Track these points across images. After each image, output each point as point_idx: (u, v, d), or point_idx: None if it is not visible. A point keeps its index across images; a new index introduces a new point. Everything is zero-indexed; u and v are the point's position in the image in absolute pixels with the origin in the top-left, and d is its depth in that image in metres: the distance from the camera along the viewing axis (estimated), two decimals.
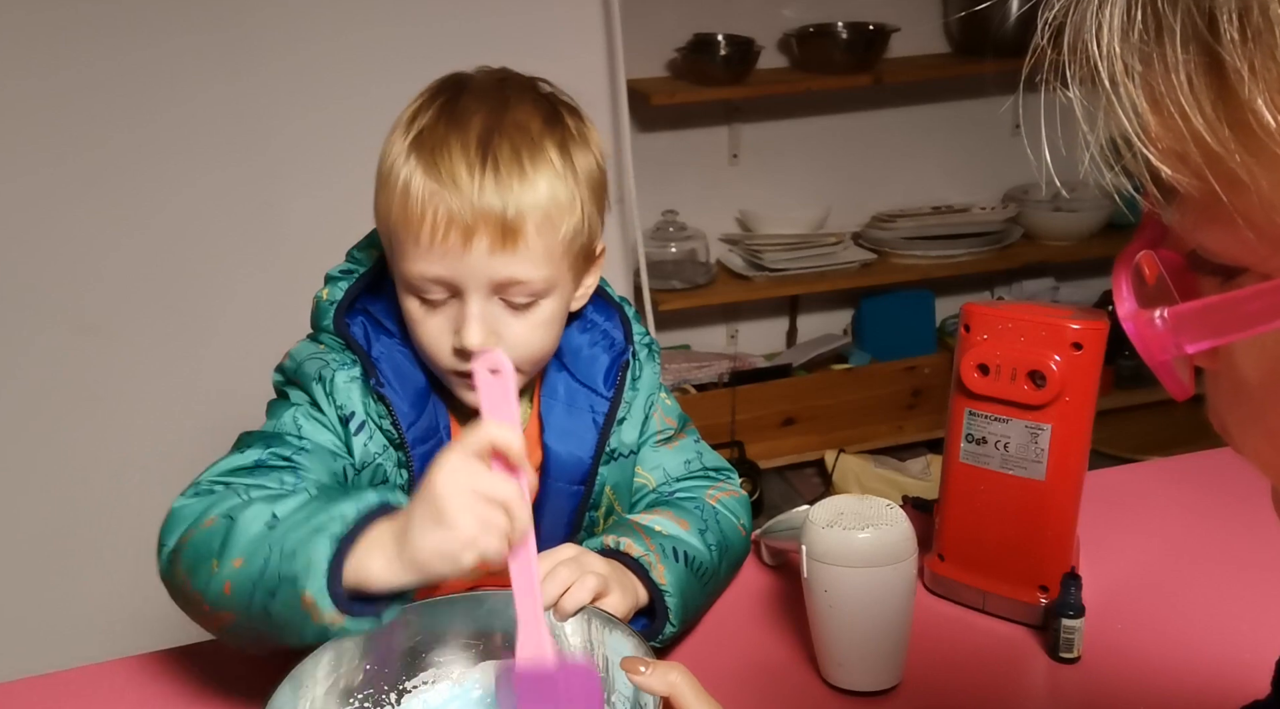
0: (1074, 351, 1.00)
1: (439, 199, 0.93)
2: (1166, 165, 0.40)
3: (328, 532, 0.84)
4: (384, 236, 1.00)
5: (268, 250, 1.94)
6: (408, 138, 0.96)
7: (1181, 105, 0.39)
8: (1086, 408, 1.01)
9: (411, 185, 0.94)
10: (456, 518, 0.80)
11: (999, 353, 1.02)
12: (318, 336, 1.04)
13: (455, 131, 0.95)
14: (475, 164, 0.93)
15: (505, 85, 1.00)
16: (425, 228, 0.93)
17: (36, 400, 1.95)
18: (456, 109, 0.97)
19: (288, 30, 1.94)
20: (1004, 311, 1.03)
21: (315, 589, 0.83)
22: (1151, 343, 0.43)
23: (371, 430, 1.00)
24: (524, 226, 0.94)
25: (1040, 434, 1.02)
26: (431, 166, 0.94)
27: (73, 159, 1.89)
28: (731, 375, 2.99)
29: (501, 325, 0.97)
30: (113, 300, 1.95)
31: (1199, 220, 0.42)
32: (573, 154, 0.98)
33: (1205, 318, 0.41)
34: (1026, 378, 1.01)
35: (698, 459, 1.15)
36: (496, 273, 0.94)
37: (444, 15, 2.00)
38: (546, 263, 0.96)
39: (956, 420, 1.06)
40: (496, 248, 0.93)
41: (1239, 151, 0.38)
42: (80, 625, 1.94)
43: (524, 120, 0.97)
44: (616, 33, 2.08)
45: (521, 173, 0.94)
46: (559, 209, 0.96)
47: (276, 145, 1.97)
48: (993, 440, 1.04)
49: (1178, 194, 0.41)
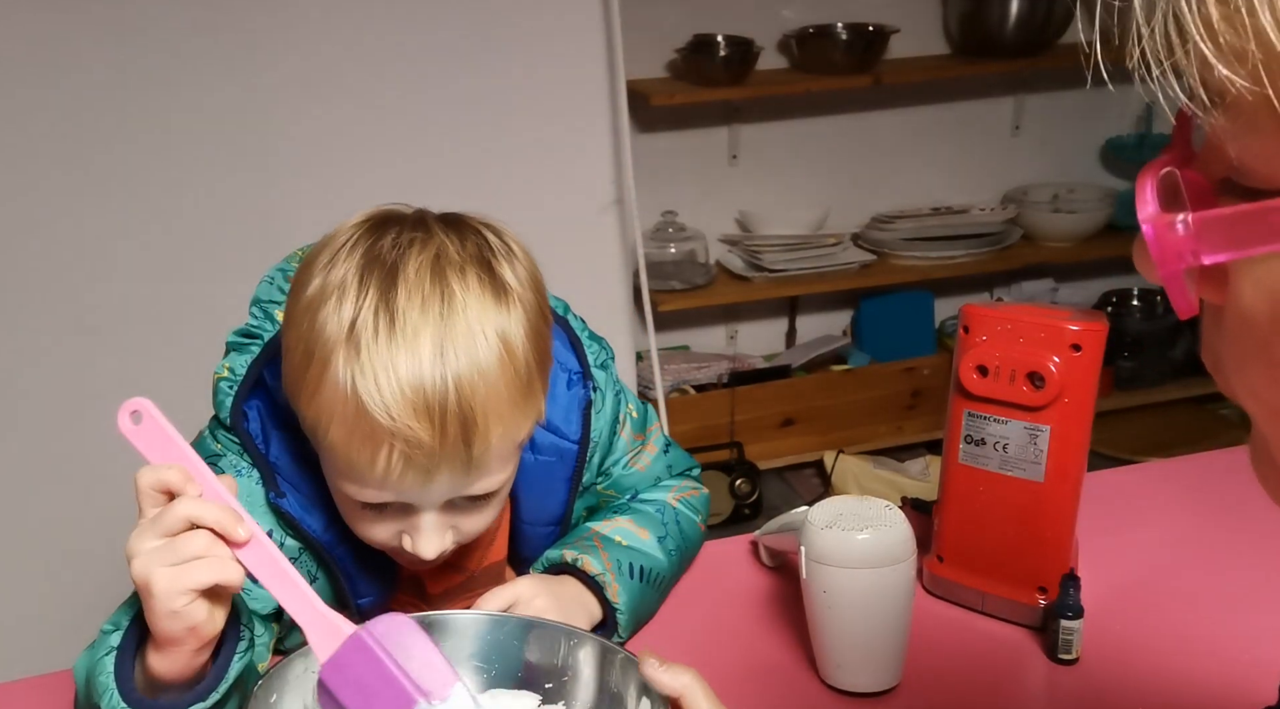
0: (1073, 353, 1.00)
1: (393, 440, 0.82)
2: (1221, 63, 0.38)
3: (107, 644, 0.83)
4: (308, 427, 0.88)
5: (268, 252, 1.94)
6: (341, 334, 0.83)
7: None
8: (1085, 409, 1.01)
9: (358, 418, 0.82)
10: (150, 577, 0.75)
11: (998, 354, 1.02)
12: (215, 432, 0.97)
13: (403, 354, 0.82)
14: (434, 400, 0.82)
15: (441, 266, 0.86)
16: (377, 468, 0.84)
17: (36, 401, 1.95)
18: (396, 316, 0.83)
19: (287, 32, 1.94)
20: (1003, 313, 1.03)
21: (109, 705, 0.81)
22: (1168, 248, 0.41)
23: (281, 536, 0.95)
24: (488, 460, 0.86)
25: (1039, 435, 1.02)
26: (379, 399, 0.81)
27: (73, 162, 1.89)
28: (731, 376, 2.99)
29: (456, 520, 0.92)
30: (113, 302, 1.95)
31: (1243, 129, 0.39)
32: (523, 320, 0.87)
33: (1231, 227, 0.39)
34: (1025, 379, 1.01)
35: (666, 472, 1.15)
36: (455, 494, 0.89)
37: (444, 17, 2.00)
38: (508, 466, 0.91)
39: (955, 421, 1.06)
40: (459, 482, 0.87)
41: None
42: (80, 625, 1.93)
43: (475, 319, 0.84)
44: (616, 33, 2.08)
45: (487, 392, 0.84)
46: (521, 417, 0.88)
47: (278, 148, 1.97)
48: (992, 441, 1.04)
49: (1225, 99, 0.39)
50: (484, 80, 2.03)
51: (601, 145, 2.15)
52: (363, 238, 0.88)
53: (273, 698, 0.77)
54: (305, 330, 0.85)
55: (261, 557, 0.76)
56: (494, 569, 1.08)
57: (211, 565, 0.75)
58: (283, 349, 0.90)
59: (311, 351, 0.84)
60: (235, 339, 0.99)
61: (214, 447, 0.97)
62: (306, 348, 0.85)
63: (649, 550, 1.06)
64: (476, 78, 2.03)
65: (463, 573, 1.04)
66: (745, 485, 2.82)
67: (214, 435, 0.98)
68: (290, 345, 0.88)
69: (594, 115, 2.13)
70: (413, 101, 2.01)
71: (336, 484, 0.90)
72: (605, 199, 2.18)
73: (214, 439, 0.98)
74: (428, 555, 0.90)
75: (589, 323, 1.10)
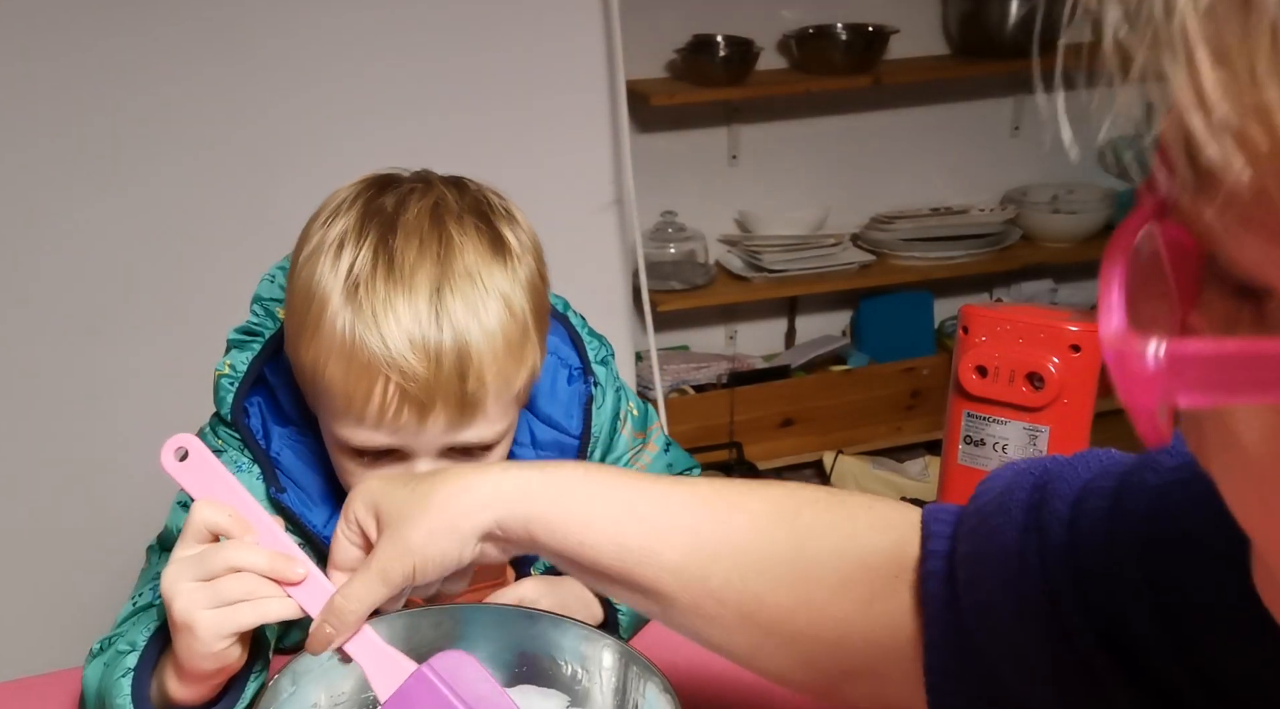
0: (1072, 354, 1.00)
1: (388, 373, 0.84)
2: (1214, 142, 0.29)
3: (123, 665, 0.83)
4: (306, 379, 0.90)
5: (268, 252, 1.94)
6: (339, 280, 0.85)
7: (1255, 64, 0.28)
8: (1085, 410, 1.02)
9: (354, 352, 0.84)
10: (193, 620, 0.75)
11: (997, 355, 1.02)
12: (216, 428, 0.97)
13: (399, 289, 0.84)
14: (430, 333, 0.84)
15: (440, 213, 0.89)
16: (373, 403, 0.85)
17: (35, 400, 1.95)
18: (394, 256, 0.86)
19: (288, 37, 1.94)
20: (1002, 313, 1.04)
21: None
22: (1135, 382, 0.32)
23: None
24: (484, 398, 0.87)
25: (1038, 436, 1.02)
26: (375, 333, 0.83)
27: (68, 157, 1.89)
28: (730, 376, 2.99)
29: None
30: (112, 300, 1.95)
31: (1234, 222, 0.31)
32: (520, 278, 0.89)
33: (1215, 368, 0.31)
34: (1025, 380, 1.01)
35: (667, 472, 1.14)
36: (452, 441, 0.89)
37: (444, 17, 2.00)
38: (504, 418, 0.91)
39: (955, 422, 1.06)
40: (455, 422, 0.87)
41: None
42: (80, 625, 1.93)
43: (472, 264, 0.87)
44: (616, 33, 2.08)
45: (481, 333, 0.85)
46: (515, 363, 0.89)
47: (279, 149, 1.97)
48: (991, 442, 1.04)
49: (1218, 182, 0.30)
50: (483, 80, 2.03)
51: (601, 145, 2.15)
52: (362, 194, 0.91)
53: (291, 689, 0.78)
54: (305, 280, 0.88)
55: (315, 593, 0.76)
56: (492, 566, 1.08)
57: (258, 608, 0.76)
58: (285, 305, 0.92)
59: (311, 296, 0.87)
60: (236, 337, 0.99)
61: (214, 442, 0.96)
62: (306, 295, 0.87)
63: None
64: (476, 77, 2.03)
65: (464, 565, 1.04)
66: None
67: (214, 431, 0.98)
68: (291, 298, 0.90)
69: (594, 115, 2.13)
70: (412, 100, 2.01)
71: (334, 434, 0.89)
72: (605, 199, 2.18)
73: (214, 435, 0.97)
74: None
75: (588, 322, 1.10)
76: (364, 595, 0.74)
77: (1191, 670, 0.56)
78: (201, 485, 0.77)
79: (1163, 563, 0.57)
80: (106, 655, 0.89)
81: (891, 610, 0.68)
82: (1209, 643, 0.55)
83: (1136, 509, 0.59)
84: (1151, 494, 0.59)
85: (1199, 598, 0.55)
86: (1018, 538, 0.64)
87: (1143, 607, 0.57)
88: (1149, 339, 0.32)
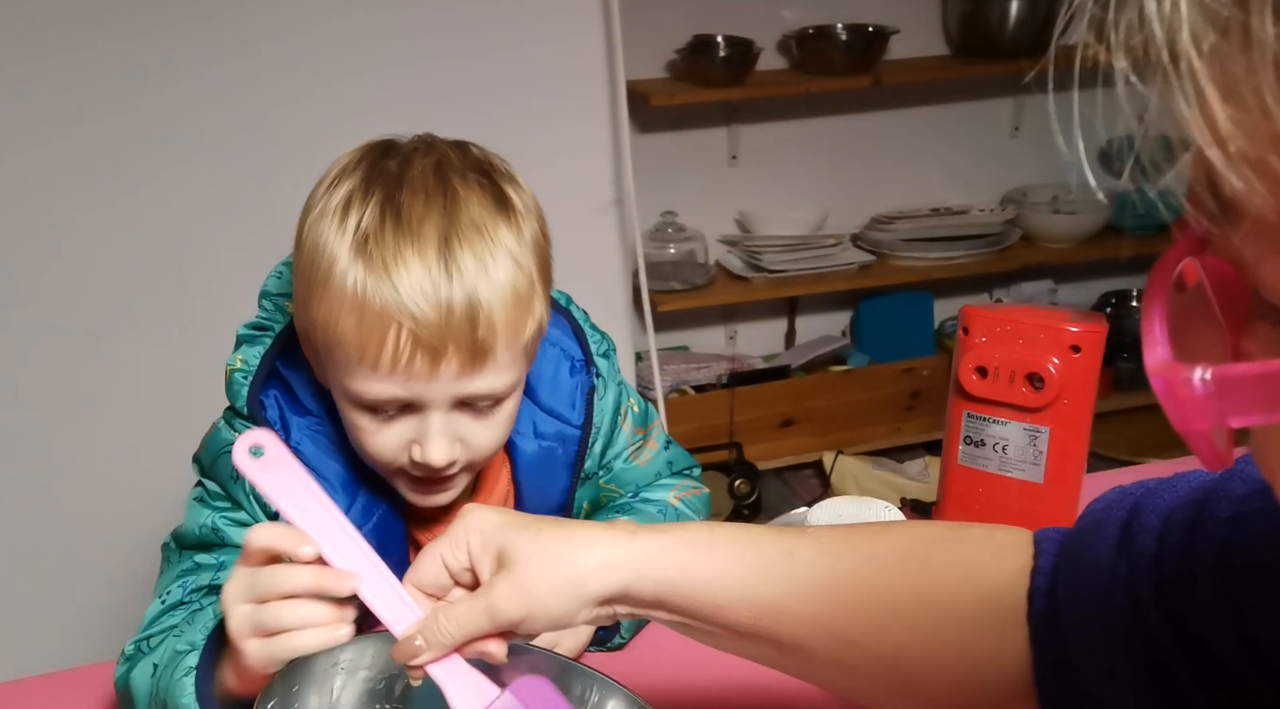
0: (1072, 354, 1.00)
1: (401, 320, 0.85)
2: (1234, 174, 0.31)
3: (184, 665, 0.84)
4: (318, 342, 0.91)
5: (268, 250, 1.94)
6: (347, 237, 0.87)
7: (1264, 97, 0.29)
8: (1085, 410, 1.02)
9: (366, 302, 0.85)
10: (243, 645, 0.76)
11: (997, 355, 1.02)
12: (232, 421, 0.98)
13: (408, 241, 0.86)
14: (439, 279, 0.85)
15: (444, 170, 0.91)
16: (386, 352, 0.86)
17: (34, 400, 1.95)
18: (401, 210, 0.87)
19: (288, 38, 1.94)
20: (1002, 314, 1.04)
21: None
22: (1187, 408, 0.33)
23: None
24: (494, 343, 0.88)
25: (1039, 436, 1.02)
26: (387, 281, 0.85)
27: (68, 158, 1.89)
28: (730, 376, 2.99)
29: (463, 431, 0.92)
30: (111, 301, 1.95)
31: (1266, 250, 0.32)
32: (525, 236, 0.91)
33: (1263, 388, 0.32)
34: (1025, 380, 1.01)
35: (666, 468, 1.15)
36: (463, 390, 0.89)
37: (444, 17, 2.00)
38: (512, 369, 0.92)
39: (955, 422, 1.06)
40: (466, 368, 0.87)
41: None
42: (80, 625, 1.94)
43: (477, 217, 0.89)
44: (616, 34, 2.08)
45: (488, 281, 0.87)
46: (523, 313, 0.90)
47: (279, 150, 1.97)
48: (991, 442, 1.04)
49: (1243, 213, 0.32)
50: (483, 81, 2.03)
51: (601, 145, 2.15)
52: (366, 157, 0.93)
53: (294, 688, 0.78)
54: (312, 242, 0.89)
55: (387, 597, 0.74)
56: None
57: (306, 638, 0.75)
58: (294, 270, 0.93)
59: (319, 255, 0.88)
60: (246, 332, 1.00)
61: (230, 436, 0.96)
62: (314, 255, 0.88)
63: None
64: (476, 78, 2.03)
65: None
66: (744, 486, 2.82)
67: (231, 425, 0.98)
68: (299, 262, 0.91)
69: (594, 115, 2.13)
70: (413, 101, 2.01)
71: (347, 390, 0.90)
72: (605, 199, 2.18)
73: (231, 429, 0.98)
74: (436, 460, 0.90)
75: None
76: (466, 624, 0.71)
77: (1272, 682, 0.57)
78: (276, 484, 0.74)
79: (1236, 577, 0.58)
80: (156, 656, 0.89)
81: (1019, 638, 0.69)
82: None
83: (1214, 531, 0.60)
84: (1224, 520, 0.60)
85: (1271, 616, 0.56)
86: (1111, 552, 0.65)
87: (1219, 621, 0.58)
88: (1194, 366, 0.33)
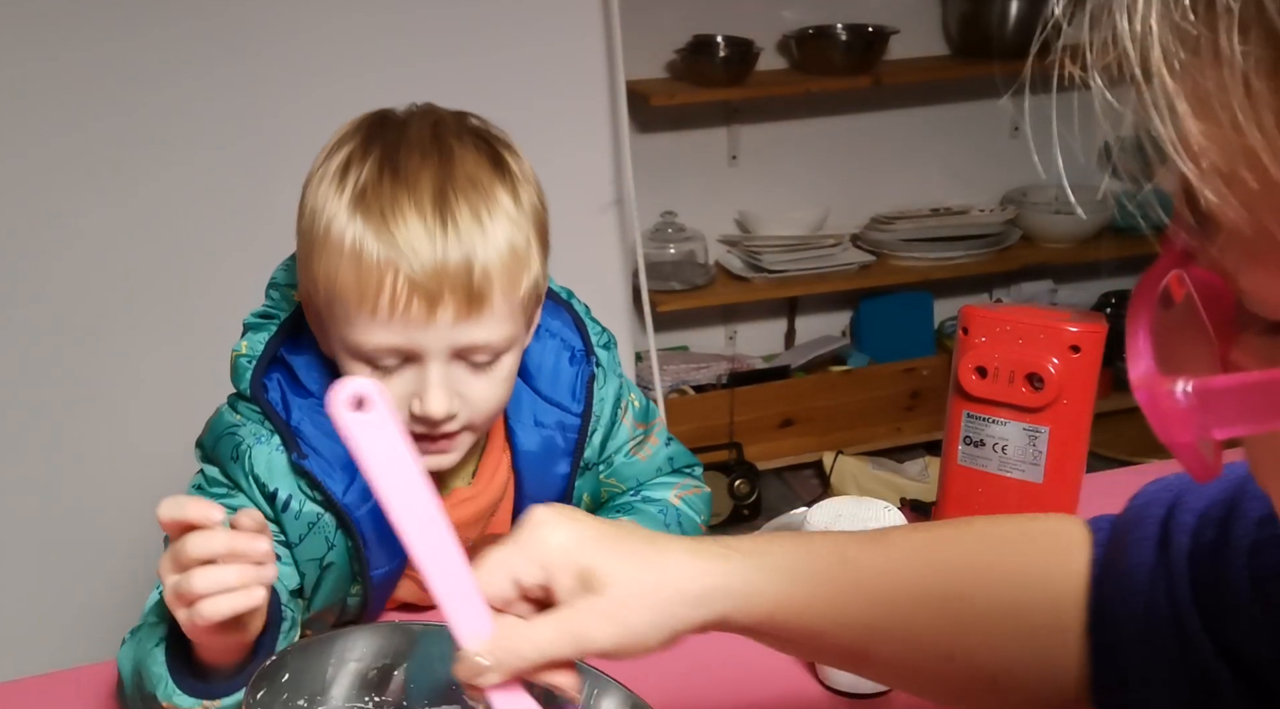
0: (1072, 354, 1.00)
1: (398, 266, 0.87)
2: (1208, 187, 0.31)
3: (155, 636, 0.86)
4: (320, 302, 0.93)
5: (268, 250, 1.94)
6: (345, 194, 0.90)
7: (1234, 112, 0.30)
8: (1084, 410, 1.02)
9: (364, 251, 0.88)
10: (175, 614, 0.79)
11: (997, 355, 1.02)
12: (235, 404, 1.00)
13: (404, 190, 0.89)
14: (435, 227, 0.88)
15: (441, 130, 0.94)
16: (384, 297, 0.87)
17: (34, 400, 1.95)
18: (399, 163, 0.90)
19: (288, 40, 1.94)
20: (1002, 314, 1.04)
21: (165, 694, 0.84)
22: (1170, 420, 0.34)
23: (302, 501, 0.97)
24: (490, 291, 0.90)
25: (1038, 436, 1.02)
26: (384, 230, 0.87)
27: (68, 158, 1.89)
28: (730, 377, 2.99)
29: (463, 386, 0.93)
30: (111, 301, 1.95)
31: (1244, 260, 0.32)
32: (521, 198, 0.94)
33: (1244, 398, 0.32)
34: (1025, 380, 1.01)
35: (668, 464, 1.16)
36: (460, 339, 0.91)
37: (444, 18, 2.01)
38: (509, 321, 0.93)
39: (955, 422, 1.06)
40: (462, 315, 0.89)
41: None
42: (80, 625, 1.94)
43: (473, 171, 0.91)
44: (616, 34, 2.08)
45: (482, 233, 0.89)
46: (519, 265, 0.92)
47: (275, 142, 1.97)
48: (991, 443, 1.04)
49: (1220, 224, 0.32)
50: (483, 81, 2.03)
51: (601, 145, 2.15)
52: (364, 125, 0.95)
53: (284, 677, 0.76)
54: (313, 204, 0.91)
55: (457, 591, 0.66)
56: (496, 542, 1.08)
57: (221, 603, 0.77)
58: (297, 235, 0.95)
59: (319, 215, 0.91)
60: (252, 320, 1.02)
61: (233, 418, 0.98)
62: (314, 217, 0.91)
63: None
64: (476, 78, 2.03)
65: (465, 542, 1.04)
66: (744, 486, 2.82)
67: (234, 407, 1.00)
68: (301, 225, 0.93)
69: (594, 115, 2.13)
70: (413, 101, 2.01)
71: (347, 344, 0.91)
72: (605, 199, 2.18)
73: (234, 411, 0.99)
74: (436, 411, 0.91)
75: None
76: (548, 648, 0.64)
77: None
78: (372, 444, 0.63)
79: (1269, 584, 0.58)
80: (140, 634, 0.90)
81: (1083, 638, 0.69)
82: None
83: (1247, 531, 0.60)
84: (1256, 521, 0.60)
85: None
86: (1152, 553, 0.65)
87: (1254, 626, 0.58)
88: (1176, 379, 0.33)
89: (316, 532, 0.97)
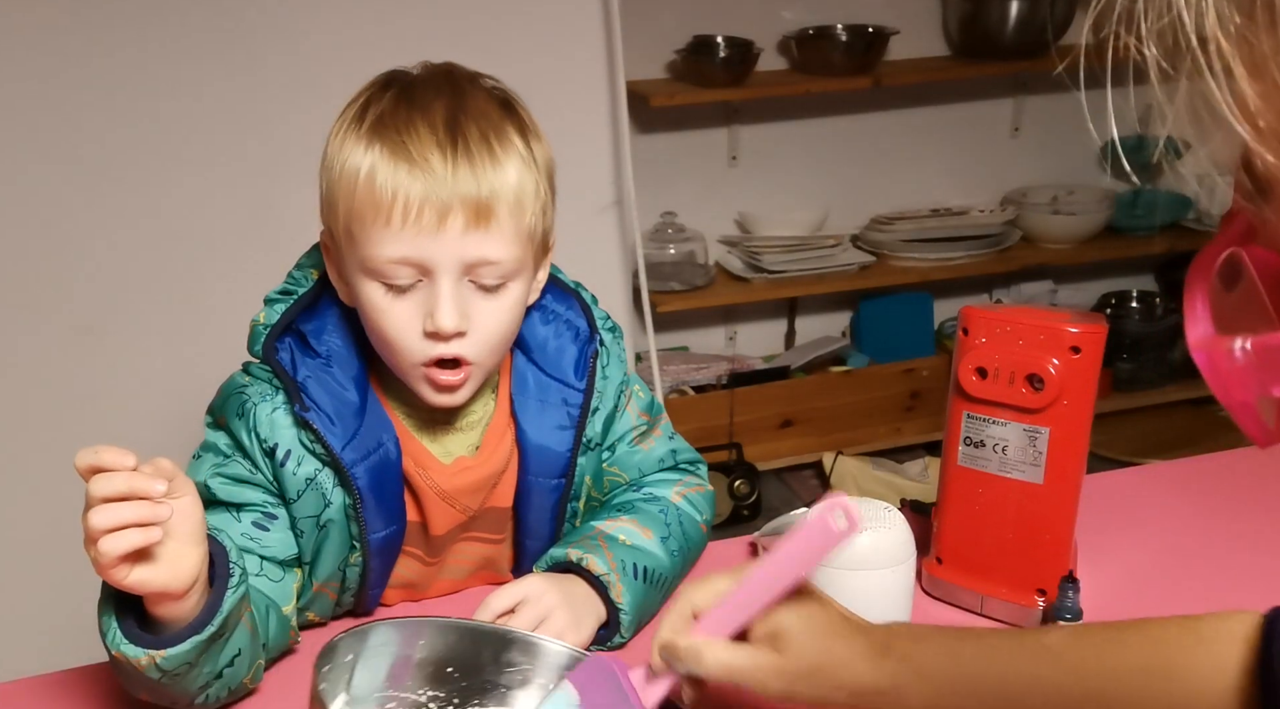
0: (1072, 355, 1.00)
1: (411, 178, 0.92)
2: (1265, 149, 0.31)
3: (106, 591, 0.88)
4: (340, 234, 0.97)
5: (266, 249, 1.94)
6: (363, 126, 0.95)
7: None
8: (1085, 411, 1.02)
9: (378, 168, 0.93)
10: (88, 553, 0.82)
11: (997, 356, 1.02)
12: (248, 367, 1.03)
13: (419, 114, 0.94)
14: (446, 143, 0.93)
15: (455, 77, 1.00)
16: (397, 208, 0.92)
17: (33, 400, 1.95)
18: (414, 96, 0.96)
19: (288, 40, 1.94)
20: (1002, 314, 1.03)
21: (113, 642, 0.87)
22: (1230, 379, 0.34)
23: (301, 456, 0.99)
24: (497, 206, 0.94)
25: (1038, 437, 1.02)
26: (399, 147, 0.93)
27: (67, 159, 1.89)
28: (730, 377, 2.99)
29: (472, 308, 0.96)
30: (110, 300, 1.95)
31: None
32: (531, 142, 0.98)
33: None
34: (1025, 381, 1.01)
35: (670, 457, 1.17)
36: (469, 253, 0.94)
37: (444, 17, 2.01)
38: (516, 242, 0.96)
39: (954, 423, 1.06)
40: (470, 227, 0.93)
41: None
42: (80, 625, 1.93)
43: (484, 107, 0.97)
44: (616, 34, 2.08)
45: (491, 154, 0.94)
46: (526, 193, 0.96)
47: (274, 143, 1.97)
48: (991, 443, 1.04)
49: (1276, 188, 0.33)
50: None
51: (601, 146, 2.15)
52: (379, 79, 1.00)
53: (349, 657, 0.83)
54: (332, 155, 0.96)
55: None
56: (497, 515, 1.10)
57: (117, 539, 0.80)
58: (321, 189, 0.98)
59: (339, 155, 0.95)
60: (273, 295, 1.05)
61: (243, 380, 1.02)
62: (334, 160, 0.96)
63: (652, 551, 1.07)
64: None
65: (465, 512, 1.07)
66: (744, 486, 2.82)
67: (246, 369, 1.03)
68: (323, 180, 0.98)
69: (594, 116, 2.13)
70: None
71: (363, 262, 0.94)
72: (605, 200, 2.19)
73: (245, 373, 1.02)
74: (446, 324, 0.93)
75: None
76: (722, 672, 0.79)
77: None
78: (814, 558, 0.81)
79: None
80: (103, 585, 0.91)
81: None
82: None
83: None
84: None
85: None
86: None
87: None
88: (1234, 337, 0.33)
89: (314, 488, 0.99)
